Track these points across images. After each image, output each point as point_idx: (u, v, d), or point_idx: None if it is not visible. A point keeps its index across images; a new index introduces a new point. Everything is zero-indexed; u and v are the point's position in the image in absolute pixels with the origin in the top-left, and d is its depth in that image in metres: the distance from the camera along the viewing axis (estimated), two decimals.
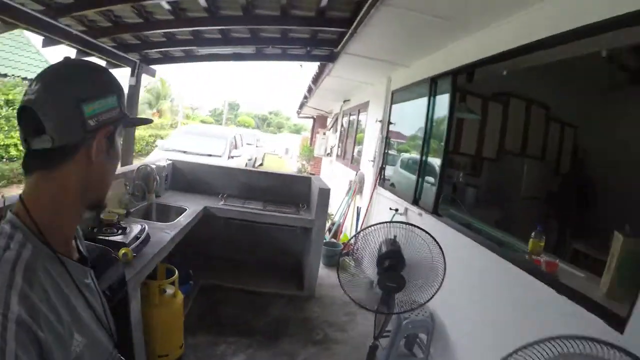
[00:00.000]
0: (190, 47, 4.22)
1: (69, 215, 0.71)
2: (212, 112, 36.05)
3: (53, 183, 0.67)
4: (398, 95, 4.29)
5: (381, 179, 4.39)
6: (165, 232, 2.41)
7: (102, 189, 0.76)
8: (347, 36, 3.14)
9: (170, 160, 3.81)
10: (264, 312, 3.17)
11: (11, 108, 7.38)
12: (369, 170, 4.86)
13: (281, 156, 20.97)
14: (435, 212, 2.82)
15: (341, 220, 5.71)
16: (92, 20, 3.49)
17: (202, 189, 3.82)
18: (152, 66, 4.74)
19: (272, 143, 22.75)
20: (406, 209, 3.41)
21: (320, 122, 10.89)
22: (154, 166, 3.29)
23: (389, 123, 4.41)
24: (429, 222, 2.85)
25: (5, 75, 8.29)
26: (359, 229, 4.77)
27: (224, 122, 24.92)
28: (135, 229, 2.16)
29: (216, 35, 3.89)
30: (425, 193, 3.18)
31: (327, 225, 6.26)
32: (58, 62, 0.73)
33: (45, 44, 3.48)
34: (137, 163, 3.46)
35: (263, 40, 3.96)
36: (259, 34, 3.83)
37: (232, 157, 8.09)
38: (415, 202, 3.23)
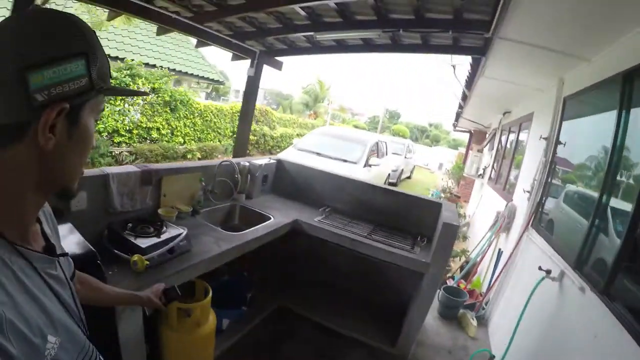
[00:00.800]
0: (311, 33, 3.89)
1: (24, 204, 0.60)
2: (372, 119, 36.57)
3: (2, 167, 0.56)
4: (573, 105, 3.07)
5: (537, 219, 3.21)
6: (218, 245, 2.04)
7: (66, 178, 0.64)
8: (498, 12, 2.26)
9: (274, 159, 3.49)
10: None
11: (156, 95, 8.43)
12: (522, 203, 3.68)
13: (433, 171, 19.67)
14: (606, 291, 1.72)
15: (478, 259, 4.58)
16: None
17: (307, 198, 3.36)
18: (279, 58, 4.63)
19: (426, 156, 21.63)
20: (562, 274, 2.28)
21: (477, 137, 9.48)
22: (247, 164, 3.00)
23: (557, 143, 3.20)
24: (588, 308, 1.77)
25: (154, 66, 9.42)
26: (494, 279, 3.65)
27: (379, 130, 24.78)
28: (173, 233, 1.85)
29: (337, 18, 3.48)
30: (597, 254, 2.05)
31: (460, 262, 5.18)
32: (11, 15, 0.61)
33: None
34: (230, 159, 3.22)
35: (393, 23, 3.33)
36: (388, 15, 3.24)
37: (370, 165, 7.54)
38: (579, 265, 2.11)
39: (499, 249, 3.92)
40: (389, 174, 10.05)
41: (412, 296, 2.89)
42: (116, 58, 8.64)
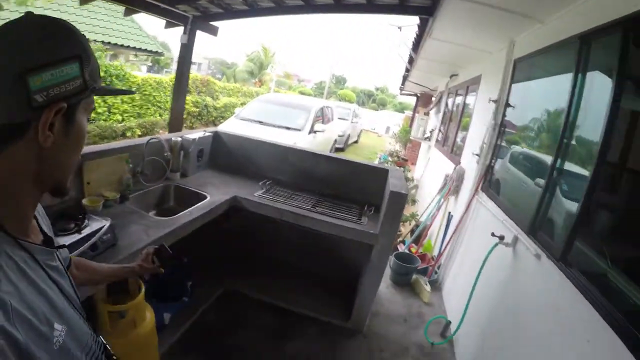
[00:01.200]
0: None
1: (23, 199, 0.63)
2: (318, 85, 36.05)
3: (4, 165, 0.59)
4: (523, 68, 3.03)
5: (487, 182, 3.23)
6: (147, 234, 1.76)
7: (61, 174, 0.66)
8: None
9: (210, 132, 3.16)
10: (285, 345, 2.40)
11: None
12: (471, 166, 3.70)
13: (381, 135, 19.92)
14: (563, 258, 1.70)
15: (428, 223, 4.65)
16: None
17: (247, 171, 3.13)
18: (215, 23, 4.19)
19: (374, 120, 21.80)
20: (516, 239, 2.28)
21: (424, 100, 9.56)
22: (179, 139, 2.69)
23: (507, 105, 3.18)
24: (547, 274, 1.76)
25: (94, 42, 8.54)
26: (445, 243, 3.70)
27: (325, 96, 24.48)
28: (95, 226, 1.56)
29: None
30: (552, 219, 2.04)
31: (410, 226, 5.25)
32: (7, 21, 0.58)
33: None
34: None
35: None
36: None
37: (315, 132, 7.36)
38: (533, 231, 2.10)
39: (449, 213, 3.96)
40: (335, 140, 9.94)
41: (363, 268, 2.81)
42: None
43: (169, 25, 4.33)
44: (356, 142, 15.14)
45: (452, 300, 3.22)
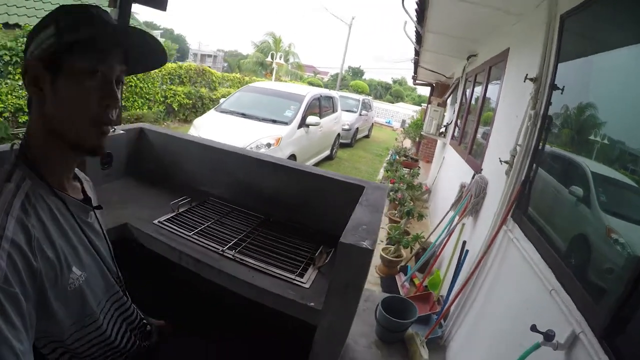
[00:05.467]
0: None
1: (53, 152, 0.72)
2: (334, 78, 34.82)
3: (32, 117, 0.72)
4: (577, 27, 1.86)
5: (522, 208, 2.07)
6: None
7: (69, 128, 0.70)
8: None
9: (128, 129, 2.14)
10: None
11: None
12: (497, 177, 2.54)
13: (396, 129, 18.64)
14: None
15: (438, 245, 3.48)
16: None
17: (174, 181, 2.16)
18: None
19: (390, 113, 20.56)
20: (574, 340, 1.15)
21: (440, 91, 8.29)
22: None
23: (553, 88, 2.01)
24: None
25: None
26: (457, 290, 2.54)
27: (337, 87, 23.23)
28: None
29: None
30: None
31: (415, 249, 4.08)
32: None
33: None
34: None
35: None
36: None
37: (308, 125, 6.32)
38: (612, 333, 0.97)
39: (464, 242, 2.80)
40: (338, 134, 8.81)
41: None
42: (15, 26, 7.02)
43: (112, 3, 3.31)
44: (367, 136, 13.94)
45: None
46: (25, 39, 7.50)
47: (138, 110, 9.22)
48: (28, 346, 0.55)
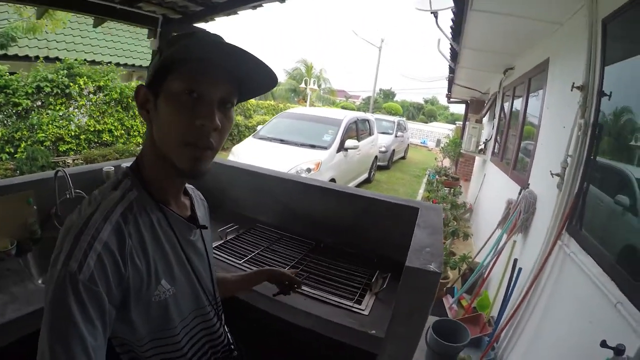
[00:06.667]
0: None
1: (160, 168, 0.72)
2: (366, 101, 35.08)
3: (145, 140, 0.75)
4: (619, 32, 1.81)
5: (577, 220, 1.98)
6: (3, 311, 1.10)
7: (166, 147, 0.70)
8: None
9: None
10: None
11: (103, 94, 7.32)
12: (548, 191, 2.45)
13: (431, 148, 18.37)
14: None
15: (486, 268, 3.35)
16: None
17: (223, 209, 2.18)
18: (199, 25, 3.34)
19: (424, 133, 20.35)
20: None
21: (475, 107, 8.14)
22: (111, 169, 1.85)
23: (600, 95, 1.95)
24: None
25: (99, 63, 8.13)
26: (511, 311, 2.42)
27: (370, 109, 23.30)
28: None
29: None
30: None
31: (462, 269, 3.94)
32: None
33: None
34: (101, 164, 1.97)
35: None
36: None
37: (347, 149, 6.31)
38: None
39: (515, 260, 2.69)
40: (375, 157, 8.78)
41: None
42: (55, 59, 7.46)
43: (152, 34, 3.58)
44: (403, 158, 13.78)
45: None
46: (65, 71, 7.03)
47: None
48: (102, 342, 0.57)
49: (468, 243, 4.71)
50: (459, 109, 19.94)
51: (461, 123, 11.35)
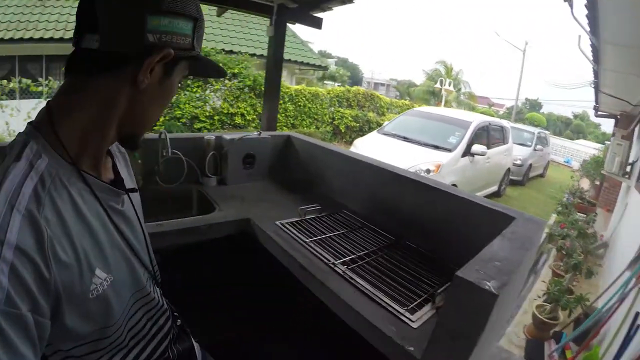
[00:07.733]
0: None
1: (98, 135, 0.62)
2: (509, 111, 32.14)
3: (88, 93, 0.59)
4: None
5: None
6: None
7: (140, 124, 0.67)
8: None
9: (272, 135, 2.40)
10: None
11: (237, 80, 8.15)
12: None
13: (576, 170, 15.83)
14: None
15: (605, 317, 2.69)
16: None
17: (316, 191, 2.19)
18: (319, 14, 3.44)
19: (569, 151, 17.72)
20: None
21: (625, 123, 6.71)
22: (212, 137, 2.12)
23: None
24: None
25: (232, 52, 9.08)
26: None
27: (512, 118, 21.12)
28: None
29: None
30: None
31: (576, 313, 3.23)
32: None
33: None
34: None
35: None
36: None
37: (473, 154, 5.81)
38: None
39: (636, 314, 2.09)
40: (508, 169, 7.82)
41: None
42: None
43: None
44: (541, 175, 12.05)
45: None
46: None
47: (306, 128, 9.98)
48: None
49: (593, 283, 3.87)
50: (610, 125, 16.90)
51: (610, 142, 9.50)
